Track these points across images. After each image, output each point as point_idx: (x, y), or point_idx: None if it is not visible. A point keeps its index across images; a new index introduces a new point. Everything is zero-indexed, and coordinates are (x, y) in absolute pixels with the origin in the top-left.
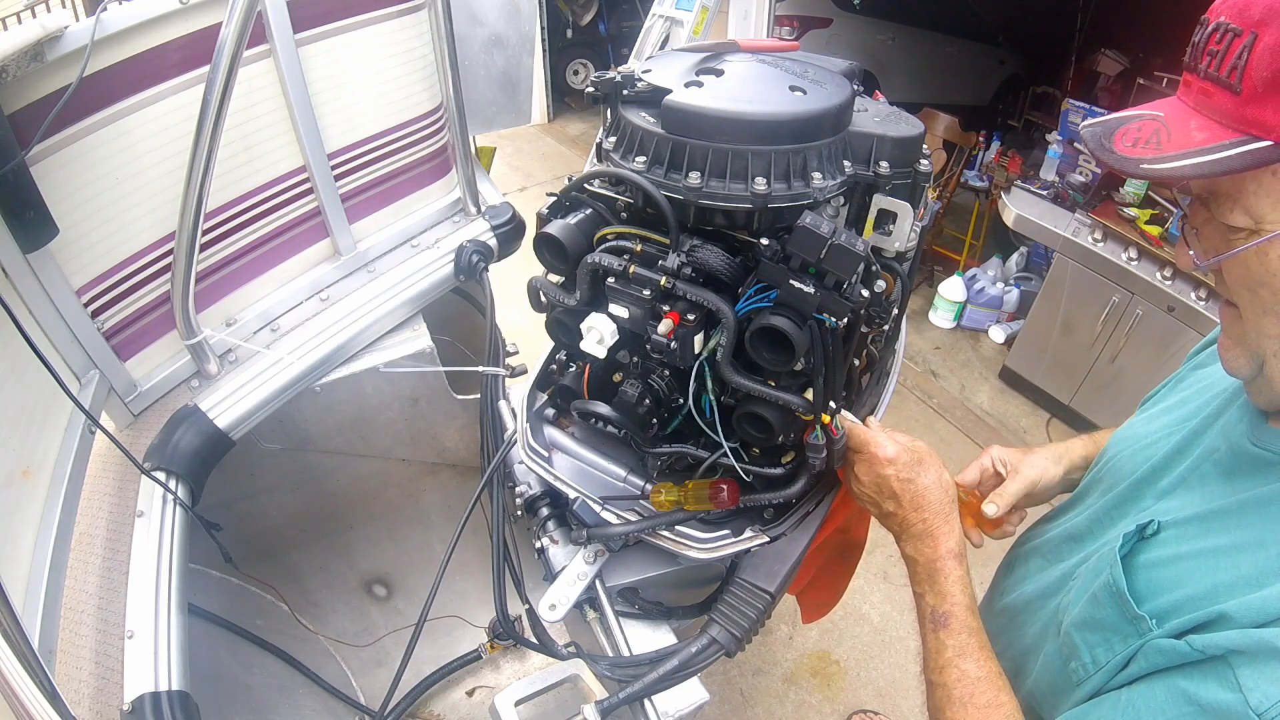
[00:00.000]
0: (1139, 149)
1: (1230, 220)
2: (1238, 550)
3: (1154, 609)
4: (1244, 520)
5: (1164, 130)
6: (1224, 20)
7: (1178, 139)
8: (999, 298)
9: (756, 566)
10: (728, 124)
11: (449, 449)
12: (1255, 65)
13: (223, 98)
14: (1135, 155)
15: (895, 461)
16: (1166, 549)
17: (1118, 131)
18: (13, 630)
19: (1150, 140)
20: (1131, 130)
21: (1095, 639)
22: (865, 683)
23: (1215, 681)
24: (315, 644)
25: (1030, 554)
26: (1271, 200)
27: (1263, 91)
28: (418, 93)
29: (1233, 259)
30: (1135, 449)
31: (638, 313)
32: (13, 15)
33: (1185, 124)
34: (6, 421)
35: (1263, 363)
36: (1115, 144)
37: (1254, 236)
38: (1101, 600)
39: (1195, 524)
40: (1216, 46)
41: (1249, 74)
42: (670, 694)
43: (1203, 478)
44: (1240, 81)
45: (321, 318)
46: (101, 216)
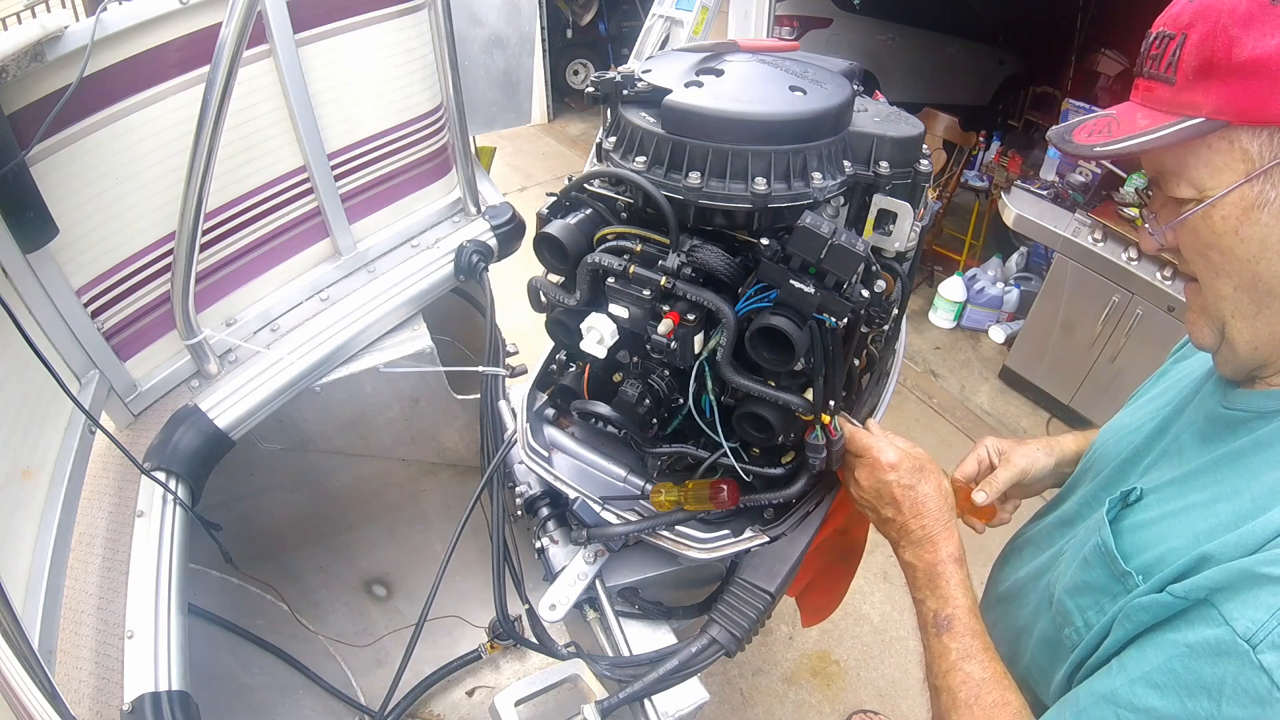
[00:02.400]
0: (1092, 138)
1: (1178, 194)
2: (1215, 501)
3: (1139, 565)
4: (1219, 475)
5: (1114, 123)
6: (1162, 29)
7: (1126, 127)
8: (999, 298)
9: (756, 566)
10: (728, 124)
11: (449, 449)
12: (1185, 59)
13: (223, 98)
14: (1089, 142)
15: (897, 468)
16: (1149, 512)
17: (1077, 128)
18: (13, 630)
19: (1102, 131)
20: (1088, 125)
21: (1086, 602)
22: (865, 683)
23: (1201, 623)
24: (315, 644)
25: (1023, 545)
26: (1209, 170)
27: (1192, 79)
28: (418, 93)
29: (1184, 228)
30: (1119, 437)
31: (638, 313)
32: (13, 15)
33: (1132, 116)
34: (6, 421)
35: (1224, 326)
36: (1074, 137)
37: (1198, 204)
38: (1091, 562)
39: (1174, 486)
40: (1156, 51)
41: (1181, 67)
42: (670, 694)
43: (1180, 449)
44: (1174, 74)
45: (321, 318)
46: (101, 216)
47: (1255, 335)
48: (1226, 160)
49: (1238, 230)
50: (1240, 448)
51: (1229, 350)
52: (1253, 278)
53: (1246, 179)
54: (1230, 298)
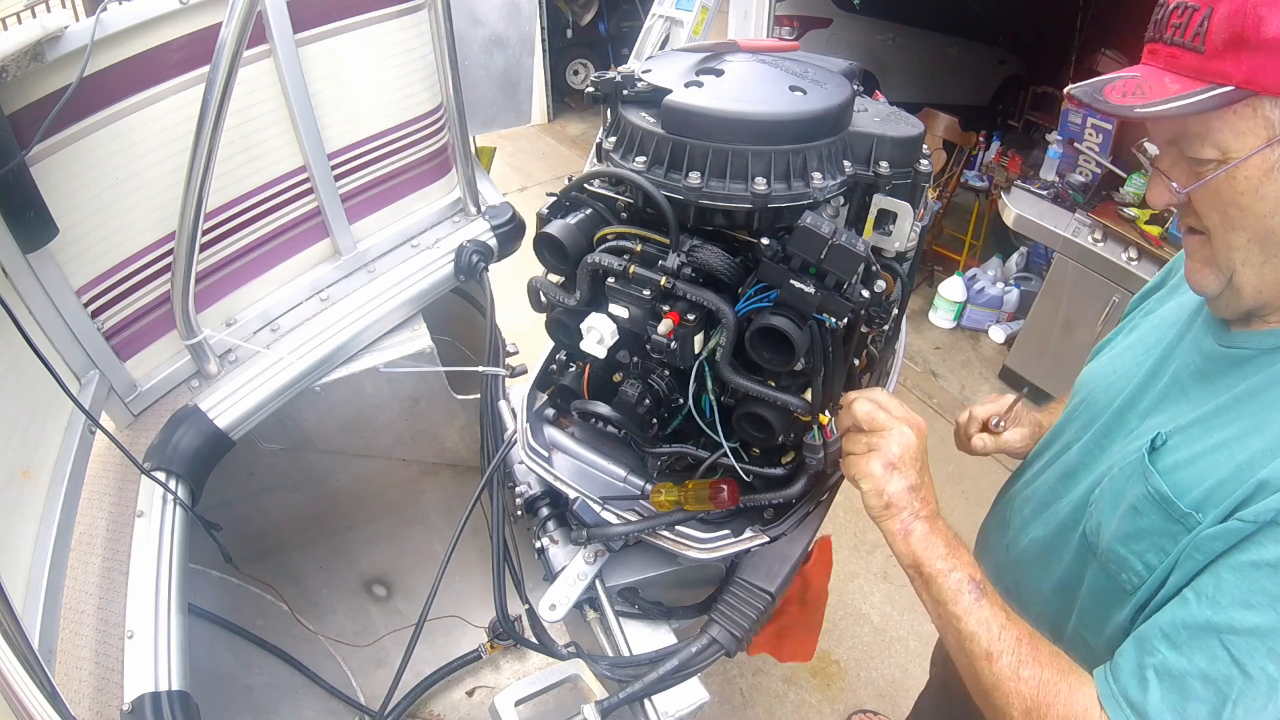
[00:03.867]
0: (1129, 98)
1: (1200, 154)
2: (1246, 435)
3: (1192, 503)
4: (1240, 411)
5: (1144, 85)
6: (1183, 1)
7: (1158, 91)
8: (999, 298)
9: (756, 566)
10: (728, 124)
11: (449, 449)
12: (1214, 30)
13: (223, 98)
14: (1127, 104)
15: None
16: (1180, 453)
17: (1106, 88)
18: (13, 630)
19: (1136, 92)
20: (1118, 86)
21: (1144, 546)
22: (865, 683)
23: (1273, 541)
24: (315, 644)
25: (1022, 503)
26: (1234, 133)
27: (1222, 49)
28: (418, 93)
29: (1204, 187)
30: (1106, 384)
31: (638, 313)
32: (13, 15)
33: (1160, 80)
34: (6, 421)
35: (1232, 274)
36: (1107, 96)
37: (1222, 165)
38: (1143, 510)
39: (1196, 426)
40: (1179, 20)
41: (1210, 38)
42: (670, 694)
43: (1183, 389)
44: (1203, 44)
45: (321, 318)
46: (101, 216)
47: (1261, 280)
48: (1250, 125)
49: (1258, 189)
50: (1257, 384)
51: (1232, 294)
52: (1266, 231)
53: (1269, 143)
54: (1242, 248)
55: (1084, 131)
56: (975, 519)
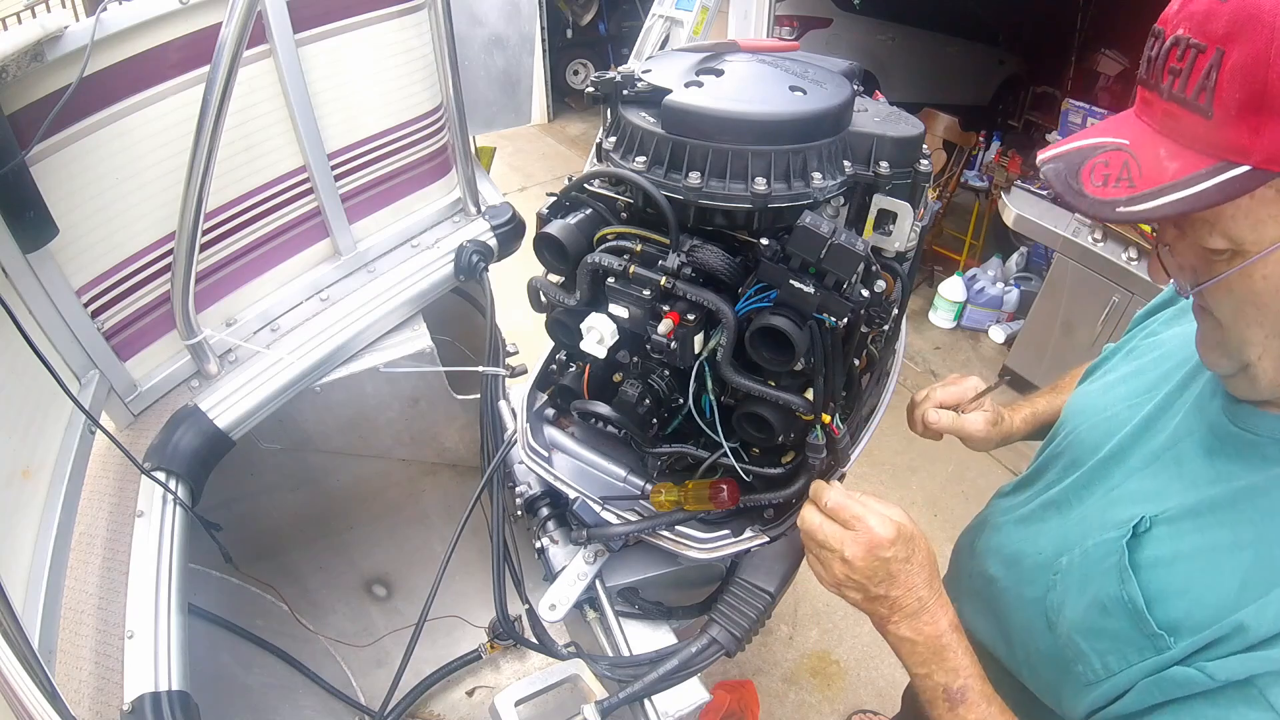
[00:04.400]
0: (1111, 189)
1: (1208, 244)
2: (1239, 548)
3: (1166, 620)
4: (1239, 515)
5: (1133, 163)
6: (1183, 34)
7: (1149, 172)
8: (999, 298)
9: (756, 566)
10: (728, 124)
11: (449, 449)
12: (1225, 86)
13: (223, 98)
14: (1109, 197)
15: (895, 542)
16: (1163, 547)
17: (1084, 168)
18: (13, 630)
19: (1121, 177)
20: (1099, 166)
21: (1105, 647)
22: (865, 683)
23: (1244, 704)
24: (315, 644)
25: (1006, 523)
26: (1250, 222)
27: (1236, 114)
28: (418, 93)
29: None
30: (1095, 421)
31: (638, 313)
32: (13, 15)
33: (1154, 152)
34: (6, 421)
35: (1247, 365)
36: (1084, 184)
37: (1236, 259)
38: (1112, 612)
39: (1189, 519)
40: (1178, 64)
41: (1220, 96)
42: (670, 694)
43: (1178, 459)
44: (1211, 104)
45: (321, 318)
46: (101, 216)
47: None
48: (1272, 213)
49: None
50: (1261, 483)
51: (1247, 381)
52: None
53: None
54: (1259, 343)
55: None
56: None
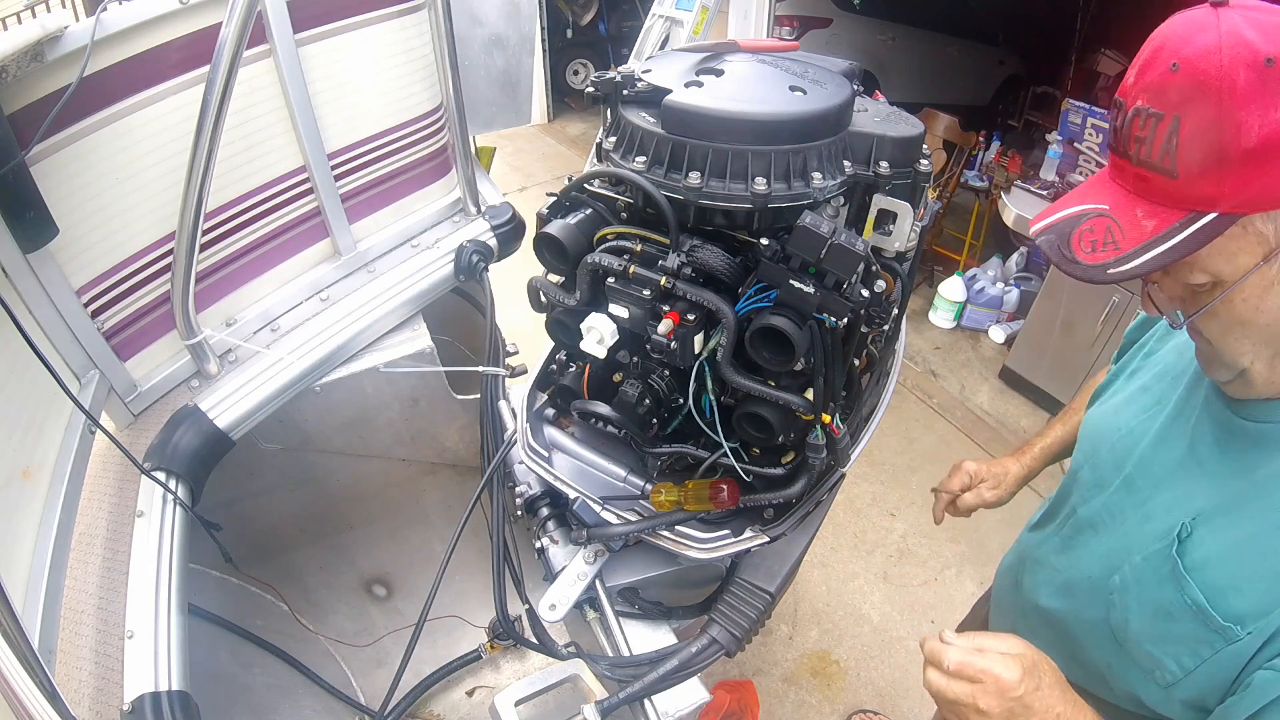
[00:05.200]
0: (1100, 253)
1: (1191, 280)
2: (1275, 531)
3: (1230, 613)
4: (1269, 501)
5: (1115, 227)
6: (1143, 105)
7: (1131, 233)
8: (999, 298)
9: (756, 566)
10: (728, 124)
11: (449, 449)
12: (1185, 149)
13: (223, 98)
14: (1099, 261)
15: (1023, 681)
16: (1208, 547)
17: (1073, 236)
18: (13, 630)
19: (1106, 241)
20: (1086, 233)
21: (1178, 650)
22: (865, 683)
23: None
24: (315, 644)
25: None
26: (1225, 256)
27: (1199, 172)
28: (418, 93)
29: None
30: (1113, 441)
31: (638, 313)
32: (13, 15)
33: (1132, 214)
34: (6, 421)
35: (1243, 370)
36: (1076, 252)
37: (1217, 289)
38: (1177, 616)
39: (1221, 515)
40: (1142, 133)
41: (1182, 157)
42: (670, 694)
43: (1200, 462)
44: (1175, 166)
45: (321, 318)
46: (101, 216)
47: (1273, 373)
48: (1242, 245)
49: (1258, 306)
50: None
51: (1243, 384)
52: (1273, 336)
53: (1265, 259)
54: (1249, 352)
55: (1084, 131)
56: (976, 518)
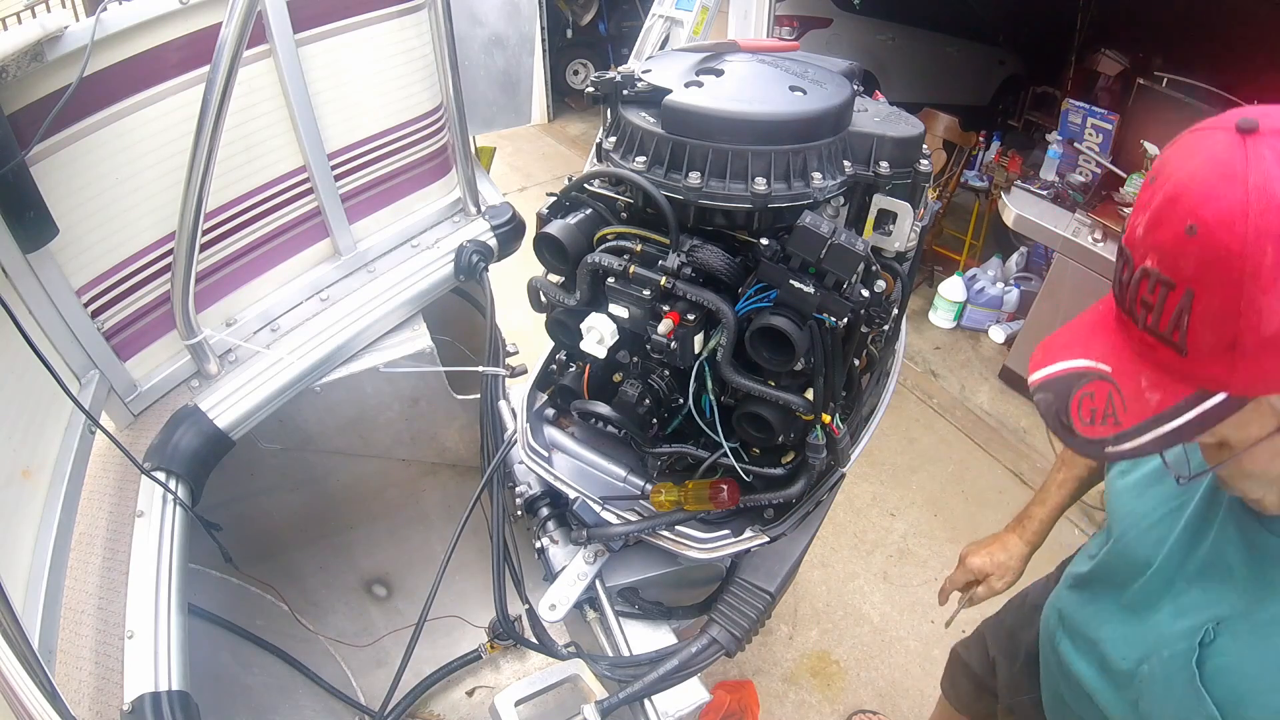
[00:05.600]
0: (1098, 426)
1: (1200, 440)
2: None
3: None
4: None
5: (1117, 396)
6: (1152, 268)
7: (1133, 406)
8: (999, 298)
9: (756, 566)
10: (728, 124)
11: (449, 449)
12: (1197, 329)
13: (223, 98)
14: (1097, 436)
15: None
16: (1229, 656)
17: (1072, 401)
18: (13, 630)
19: (1106, 413)
20: (1085, 400)
21: None
22: (865, 683)
23: None
24: (315, 644)
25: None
26: (1235, 425)
27: (1209, 354)
28: (418, 93)
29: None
30: (1143, 529)
31: (638, 313)
32: (13, 15)
33: (1136, 382)
34: (6, 421)
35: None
36: (1073, 420)
37: (1226, 451)
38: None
39: (1244, 625)
40: (1150, 298)
41: (1193, 337)
42: (670, 694)
43: (1229, 567)
44: (1185, 343)
45: (321, 318)
46: (101, 216)
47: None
48: (1254, 417)
49: (1267, 467)
50: None
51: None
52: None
53: (1277, 430)
54: (1260, 490)
55: (1084, 131)
56: (975, 518)
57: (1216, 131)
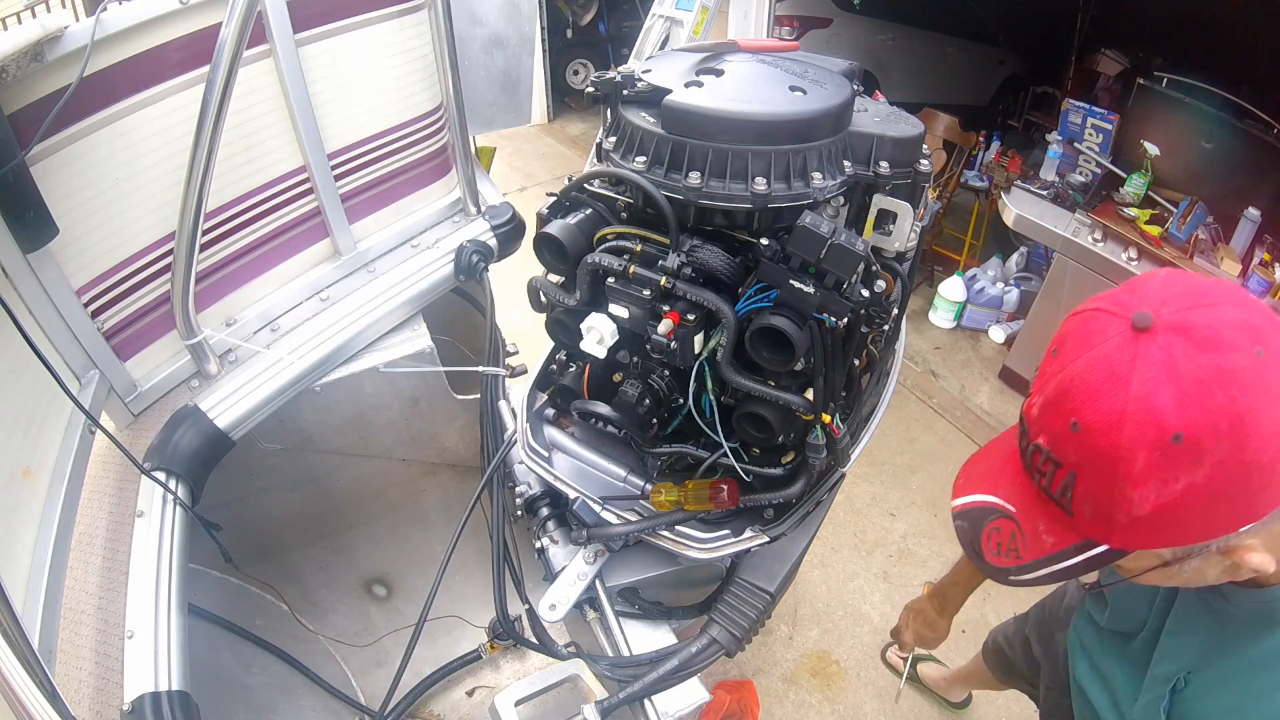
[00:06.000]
0: (1003, 557)
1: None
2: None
3: None
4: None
5: (1019, 534)
6: (1043, 447)
7: (1031, 544)
8: (999, 298)
9: (756, 566)
10: (728, 124)
11: (449, 449)
12: (1080, 502)
13: (223, 98)
14: (1003, 565)
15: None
16: (1198, 705)
17: (983, 534)
18: (13, 630)
19: (1011, 547)
20: (993, 533)
21: None
22: (865, 683)
23: None
24: (315, 644)
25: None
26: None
27: (1090, 520)
28: (418, 93)
29: None
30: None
31: (638, 313)
32: (13, 15)
33: (1035, 525)
34: (6, 421)
35: None
36: (984, 549)
37: (1123, 571)
38: None
39: (1209, 678)
40: (1043, 468)
41: (1076, 506)
42: (670, 694)
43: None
44: (1070, 508)
45: (321, 318)
46: (101, 216)
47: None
48: (1139, 556)
49: (1163, 582)
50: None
51: None
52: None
53: (1164, 566)
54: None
55: (1084, 131)
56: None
57: (1114, 320)
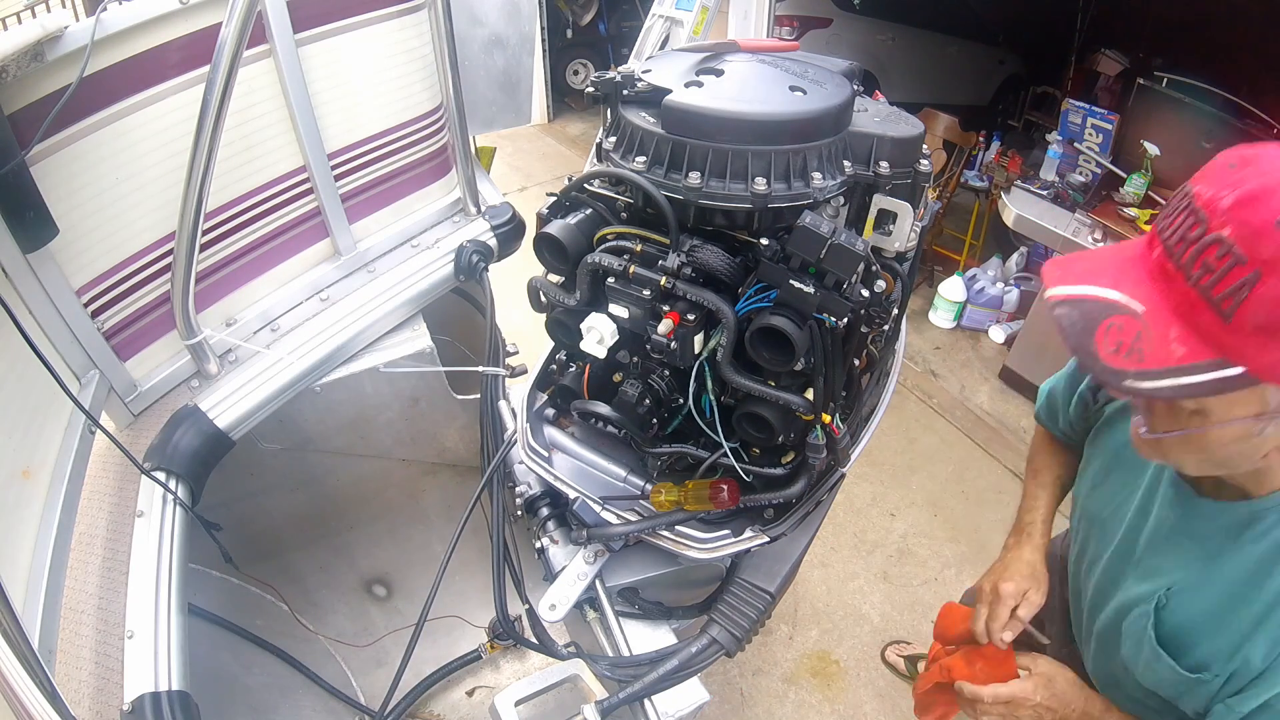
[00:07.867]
0: (1122, 358)
1: (1180, 403)
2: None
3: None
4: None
5: (1145, 335)
6: (1228, 238)
7: (1159, 351)
8: (999, 298)
9: (756, 566)
10: (728, 124)
11: (449, 449)
12: (1252, 305)
13: (223, 98)
14: (1120, 367)
15: (1038, 690)
16: (1180, 614)
17: (1098, 329)
18: (13, 630)
19: (1133, 348)
20: (1114, 330)
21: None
22: (865, 683)
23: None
24: (315, 644)
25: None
26: (1224, 401)
27: (1250, 330)
28: (418, 93)
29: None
30: (1105, 518)
31: (638, 313)
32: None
33: (1165, 331)
34: (6, 421)
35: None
36: (1097, 346)
37: (1198, 419)
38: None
39: (1189, 592)
40: (1214, 263)
41: (1243, 311)
42: (670, 694)
43: (1171, 539)
44: (1232, 313)
45: (321, 318)
46: (101, 216)
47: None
48: (1244, 398)
49: (1224, 446)
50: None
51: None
52: (1220, 461)
53: (1256, 417)
54: (1193, 465)
55: (1084, 131)
56: (975, 518)
57: None
